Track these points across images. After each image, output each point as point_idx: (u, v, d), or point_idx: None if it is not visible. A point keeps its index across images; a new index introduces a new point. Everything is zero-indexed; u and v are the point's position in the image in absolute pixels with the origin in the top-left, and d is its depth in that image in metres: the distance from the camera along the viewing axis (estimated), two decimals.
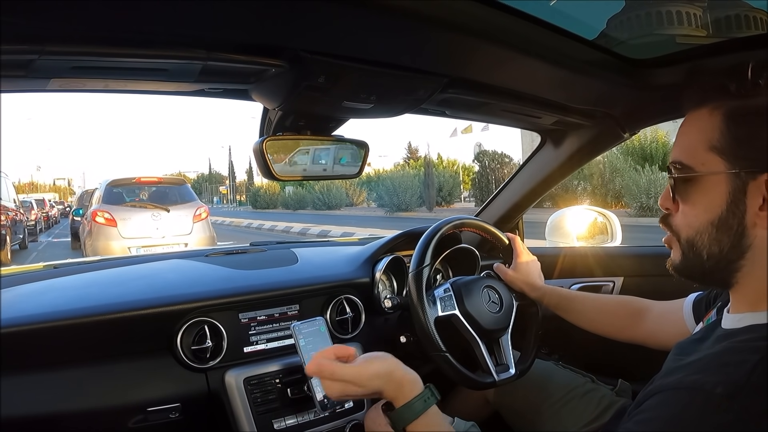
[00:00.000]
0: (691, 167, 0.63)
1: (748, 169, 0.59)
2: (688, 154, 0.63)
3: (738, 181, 0.59)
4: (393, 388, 0.78)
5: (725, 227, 0.61)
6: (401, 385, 0.78)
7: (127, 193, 6.91)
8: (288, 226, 15.40)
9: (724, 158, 0.60)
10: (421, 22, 0.71)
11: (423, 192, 20.33)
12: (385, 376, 0.78)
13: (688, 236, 0.64)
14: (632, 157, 14.03)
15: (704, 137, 0.62)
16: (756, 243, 0.60)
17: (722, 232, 0.61)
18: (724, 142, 0.60)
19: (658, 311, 1.07)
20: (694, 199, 0.63)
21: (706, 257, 0.63)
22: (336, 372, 0.77)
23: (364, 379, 0.77)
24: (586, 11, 0.88)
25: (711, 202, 0.61)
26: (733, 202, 0.60)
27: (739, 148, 0.59)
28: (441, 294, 1.20)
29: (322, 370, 0.77)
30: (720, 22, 0.99)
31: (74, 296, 1.14)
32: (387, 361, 0.80)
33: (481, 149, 19.09)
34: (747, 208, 0.59)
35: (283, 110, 0.95)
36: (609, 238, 1.76)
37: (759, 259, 0.60)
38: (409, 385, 0.78)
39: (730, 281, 0.64)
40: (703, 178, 0.62)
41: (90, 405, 1.05)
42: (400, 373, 0.79)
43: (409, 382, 0.79)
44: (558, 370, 1.34)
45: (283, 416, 1.17)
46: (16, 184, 17.98)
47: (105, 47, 0.67)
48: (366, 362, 0.80)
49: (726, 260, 0.62)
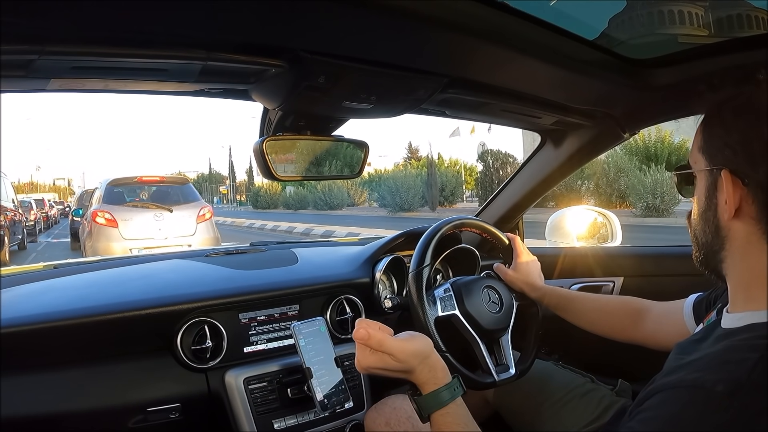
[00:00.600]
0: (689, 167, 0.70)
1: (717, 166, 0.64)
2: (692, 156, 0.69)
3: (711, 177, 0.65)
4: (426, 372, 0.78)
5: (705, 219, 0.67)
6: (434, 370, 0.79)
7: (128, 192, 6.79)
8: (291, 226, 15.35)
9: (705, 157, 0.66)
10: (421, 22, 0.71)
11: (425, 192, 20.31)
12: (423, 357, 0.79)
13: (693, 227, 0.70)
14: (637, 157, 14.03)
15: (697, 139, 0.68)
16: (731, 235, 0.64)
17: (705, 223, 0.67)
18: (704, 142, 0.66)
19: (658, 312, 1.07)
20: (693, 196, 0.70)
21: (700, 246, 0.69)
22: (384, 342, 0.77)
23: (406, 354, 0.77)
24: (587, 11, 0.87)
25: (699, 197, 0.68)
26: (708, 196, 0.66)
27: (713, 148, 0.65)
28: (441, 294, 1.20)
29: (370, 337, 0.77)
30: (721, 21, 0.99)
31: (74, 296, 1.14)
32: (427, 342, 0.81)
33: (485, 149, 19.06)
34: (717, 202, 0.64)
35: (283, 110, 0.95)
36: (609, 238, 1.76)
37: (737, 251, 0.64)
38: (441, 371, 0.79)
39: (721, 272, 0.68)
40: (696, 176, 0.68)
41: (90, 405, 1.05)
42: (435, 357, 0.80)
43: (441, 369, 0.79)
44: (558, 370, 1.34)
45: (283, 416, 1.18)
46: (15, 184, 18.00)
47: (105, 47, 0.67)
48: (410, 339, 0.80)
49: (711, 250, 0.67)
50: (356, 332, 0.78)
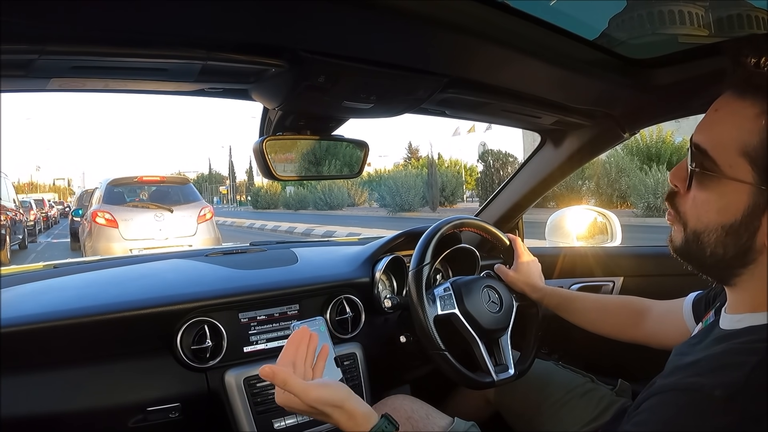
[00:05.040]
0: (717, 164, 0.58)
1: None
2: (718, 148, 0.58)
3: (761, 198, 0.56)
4: (345, 419, 0.74)
5: (735, 235, 0.58)
6: (354, 417, 0.74)
7: (128, 192, 6.75)
8: (291, 226, 15.34)
9: (755, 169, 0.55)
10: (421, 22, 0.71)
11: (426, 192, 20.31)
12: (333, 405, 0.74)
13: (696, 228, 0.61)
14: (638, 157, 14.03)
15: (740, 137, 0.56)
16: (760, 259, 0.58)
17: (730, 239, 0.58)
18: (760, 153, 0.55)
19: (659, 311, 1.07)
20: (709, 196, 0.60)
21: (709, 254, 0.61)
22: (287, 382, 0.74)
23: (309, 399, 0.74)
24: (587, 11, 0.87)
25: (727, 207, 0.58)
26: (749, 216, 0.57)
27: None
28: (441, 293, 1.20)
29: (275, 375, 0.74)
30: (721, 21, 0.99)
31: (74, 296, 1.14)
32: (339, 391, 0.76)
33: (485, 149, 19.06)
34: (761, 227, 0.56)
35: (283, 110, 0.95)
36: (609, 238, 1.76)
37: (759, 274, 0.59)
38: (362, 417, 0.74)
39: (729, 282, 0.63)
40: (726, 181, 0.58)
41: (90, 405, 1.05)
42: (352, 405, 0.75)
43: (362, 416, 0.75)
44: (558, 370, 1.34)
45: (283, 416, 1.17)
46: (15, 184, 17.97)
47: (105, 47, 0.67)
48: (318, 385, 0.76)
49: (727, 264, 0.61)
50: (261, 369, 0.75)
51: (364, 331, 1.36)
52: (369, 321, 1.38)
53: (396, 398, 1.15)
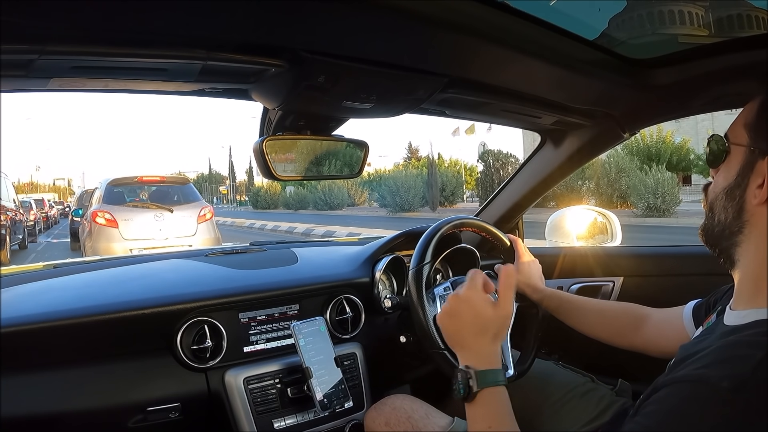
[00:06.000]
0: (729, 140, 0.68)
1: (763, 150, 0.63)
2: (732, 128, 0.69)
3: (750, 157, 0.64)
4: (490, 347, 0.77)
5: (731, 196, 0.66)
6: (494, 353, 0.77)
7: (128, 192, 6.74)
8: (291, 226, 15.34)
9: (749, 134, 0.65)
10: (421, 22, 0.71)
11: (426, 192, 20.31)
12: (498, 333, 0.78)
13: (711, 200, 0.70)
14: (638, 157, 14.04)
15: (745, 114, 0.68)
16: (753, 220, 0.64)
17: (728, 201, 0.66)
18: (753, 120, 0.66)
19: (658, 318, 1.07)
20: (722, 170, 0.68)
21: (716, 222, 0.68)
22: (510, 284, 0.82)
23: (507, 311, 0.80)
24: (587, 11, 0.87)
25: (728, 171, 0.67)
26: (741, 174, 0.65)
27: (760, 128, 0.64)
28: (441, 292, 1.20)
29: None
30: (721, 21, 0.99)
31: (74, 296, 1.14)
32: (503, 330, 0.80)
33: (485, 149, 19.07)
34: (749, 183, 0.64)
35: (283, 110, 0.95)
36: (609, 238, 1.76)
37: (755, 239, 0.64)
38: (496, 356, 0.78)
39: (733, 257, 0.67)
40: (732, 149, 0.67)
41: (89, 405, 1.05)
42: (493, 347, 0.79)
43: (497, 353, 0.78)
44: (558, 370, 1.34)
45: (283, 416, 1.18)
46: (15, 184, 17.98)
47: (105, 47, 0.67)
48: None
49: (729, 230, 0.67)
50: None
51: (364, 331, 1.36)
52: (369, 321, 1.38)
53: (396, 398, 1.15)
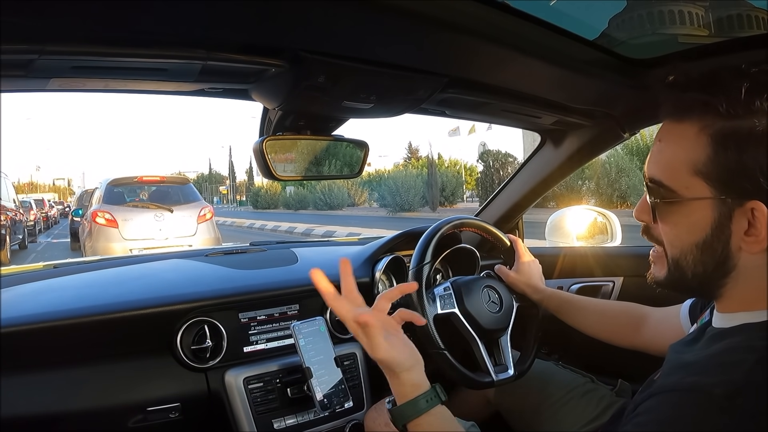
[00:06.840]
0: (673, 190, 0.60)
1: (735, 196, 0.56)
2: (670, 174, 0.60)
3: (724, 208, 0.57)
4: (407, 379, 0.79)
5: (710, 250, 0.60)
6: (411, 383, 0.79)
7: (128, 192, 6.75)
8: (291, 226, 15.34)
9: (710, 184, 0.57)
10: (421, 22, 0.71)
11: (426, 192, 20.30)
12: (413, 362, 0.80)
13: (673, 255, 0.63)
14: (638, 157, 14.03)
15: (688, 158, 0.58)
16: (741, 264, 0.59)
17: (707, 255, 0.60)
18: (711, 167, 0.57)
19: (657, 318, 1.07)
20: (676, 221, 0.62)
21: (691, 276, 0.62)
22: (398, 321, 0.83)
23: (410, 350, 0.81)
24: (587, 11, 0.87)
25: (695, 225, 0.60)
26: (718, 227, 0.58)
27: (726, 175, 0.56)
28: (441, 292, 1.20)
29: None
30: (721, 21, 0.99)
31: (74, 296, 1.14)
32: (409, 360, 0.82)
33: (485, 149, 19.07)
34: (732, 233, 0.58)
35: (283, 110, 0.95)
36: (609, 238, 1.76)
37: (743, 277, 0.60)
38: (412, 387, 0.79)
39: (716, 295, 0.64)
40: (687, 202, 0.60)
41: (89, 405, 1.05)
42: (419, 371, 0.81)
43: (415, 385, 0.79)
44: (558, 370, 1.34)
45: (283, 416, 1.17)
46: (15, 184, 17.99)
47: (105, 47, 0.67)
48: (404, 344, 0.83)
49: (710, 279, 0.62)
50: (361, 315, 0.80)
51: None
52: None
53: None
